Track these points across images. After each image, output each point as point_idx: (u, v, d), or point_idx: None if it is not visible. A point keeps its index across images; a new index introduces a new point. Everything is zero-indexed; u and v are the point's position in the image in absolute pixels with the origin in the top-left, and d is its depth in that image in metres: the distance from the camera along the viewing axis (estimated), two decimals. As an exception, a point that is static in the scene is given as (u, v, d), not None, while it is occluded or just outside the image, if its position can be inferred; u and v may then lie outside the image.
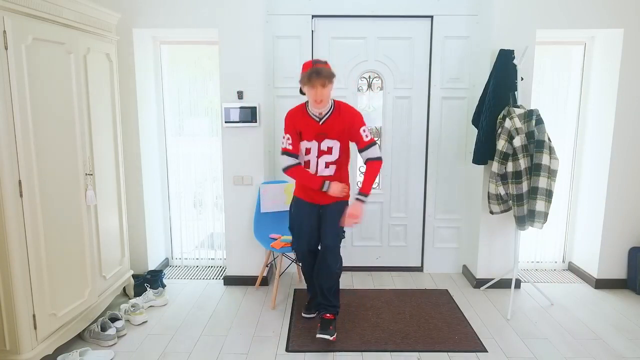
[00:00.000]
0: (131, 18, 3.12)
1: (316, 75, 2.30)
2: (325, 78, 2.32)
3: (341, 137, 2.51)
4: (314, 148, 2.51)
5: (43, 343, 2.14)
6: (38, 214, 2.08)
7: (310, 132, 2.49)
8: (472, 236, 3.37)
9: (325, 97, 2.38)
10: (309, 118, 2.49)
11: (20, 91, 1.96)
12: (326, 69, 2.34)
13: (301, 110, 2.52)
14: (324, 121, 2.48)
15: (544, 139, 2.69)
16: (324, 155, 2.52)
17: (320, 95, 2.35)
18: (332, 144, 2.50)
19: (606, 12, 3.04)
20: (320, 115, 2.48)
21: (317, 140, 2.50)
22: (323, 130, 2.48)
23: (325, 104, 2.43)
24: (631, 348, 2.50)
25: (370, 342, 2.53)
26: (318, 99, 2.37)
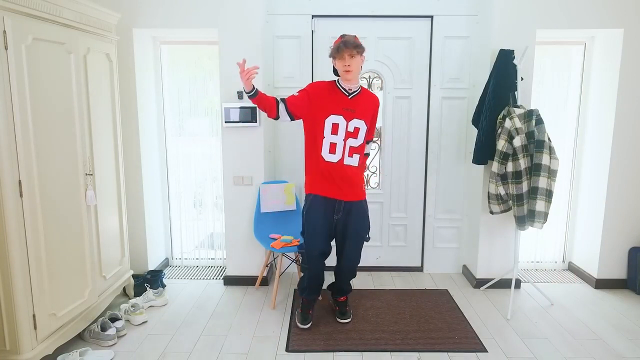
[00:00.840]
0: (131, 18, 3.12)
1: (344, 46, 2.34)
2: (353, 48, 2.35)
3: (367, 117, 2.52)
4: (341, 126, 2.46)
5: (43, 343, 2.14)
6: (38, 214, 2.08)
7: (338, 104, 2.46)
8: (472, 236, 3.37)
9: (354, 67, 2.39)
10: (338, 91, 2.49)
11: (20, 91, 1.96)
12: (354, 40, 2.37)
13: (330, 84, 2.52)
14: (352, 96, 2.49)
15: (544, 139, 2.69)
16: (351, 138, 2.48)
17: (349, 65, 2.37)
18: (359, 125, 2.48)
19: (606, 12, 3.04)
20: (350, 90, 2.49)
21: (345, 116, 2.46)
22: (352, 105, 2.47)
23: (355, 76, 2.45)
24: (631, 348, 2.50)
25: (370, 342, 2.53)
26: (347, 69, 2.38)
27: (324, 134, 2.46)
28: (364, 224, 2.63)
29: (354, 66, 2.40)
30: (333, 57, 2.43)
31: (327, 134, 2.46)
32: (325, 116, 2.45)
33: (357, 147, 2.51)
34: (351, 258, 2.66)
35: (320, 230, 2.54)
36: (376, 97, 2.62)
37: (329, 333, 2.62)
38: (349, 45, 2.35)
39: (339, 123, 2.45)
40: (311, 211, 2.55)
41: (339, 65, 2.43)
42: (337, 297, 2.81)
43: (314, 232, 2.55)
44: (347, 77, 2.44)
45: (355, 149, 2.50)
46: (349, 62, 2.38)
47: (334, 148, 2.47)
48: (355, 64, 2.40)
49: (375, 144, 3.52)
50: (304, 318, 2.68)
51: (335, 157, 2.48)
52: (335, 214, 2.56)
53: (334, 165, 2.48)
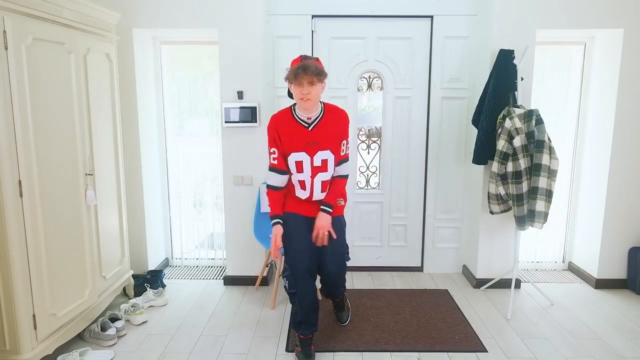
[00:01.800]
0: (131, 18, 3.12)
1: (303, 71, 2.04)
2: (313, 75, 2.05)
3: (334, 145, 2.24)
4: (306, 163, 2.22)
5: (43, 343, 2.14)
6: (38, 214, 2.08)
7: (298, 140, 2.20)
8: (472, 236, 3.37)
9: (313, 96, 2.09)
10: (296, 124, 2.21)
11: (20, 91, 1.96)
12: (315, 65, 2.07)
13: (287, 115, 2.23)
14: (313, 126, 2.21)
15: (544, 139, 2.69)
16: (319, 173, 2.25)
17: (308, 93, 2.08)
18: (325, 156, 2.23)
19: (606, 12, 3.04)
20: (309, 121, 2.20)
21: (308, 152, 2.21)
22: (313, 138, 2.20)
23: (314, 105, 2.16)
24: (631, 348, 2.50)
25: (370, 342, 2.53)
26: (305, 97, 2.09)
27: (292, 171, 2.27)
28: (342, 239, 2.42)
29: (313, 94, 2.09)
30: (290, 81, 2.12)
31: (294, 173, 2.26)
32: (287, 154, 2.23)
33: (329, 179, 2.31)
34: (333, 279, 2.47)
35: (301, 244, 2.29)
36: (343, 113, 2.29)
37: (329, 333, 2.62)
38: (309, 71, 2.04)
39: (302, 160, 2.22)
40: (288, 226, 2.31)
41: (295, 92, 2.11)
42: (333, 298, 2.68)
43: (295, 247, 2.30)
44: (305, 107, 2.14)
45: (327, 182, 2.30)
46: (307, 91, 2.07)
47: (303, 185, 2.28)
48: (315, 92, 2.10)
49: (375, 144, 3.52)
50: (307, 355, 2.31)
51: (305, 193, 2.30)
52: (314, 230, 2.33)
53: (302, 201, 2.34)
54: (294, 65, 2.13)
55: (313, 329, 2.37)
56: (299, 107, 2.20)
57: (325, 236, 2.27)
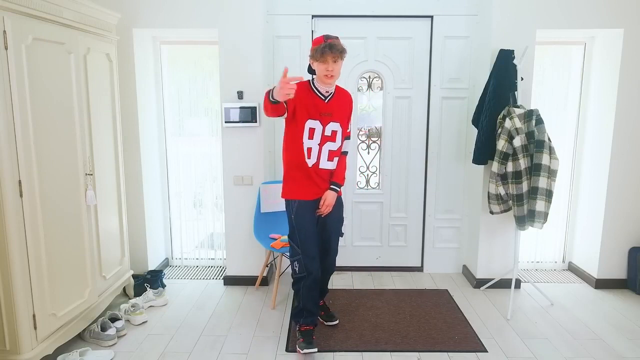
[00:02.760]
0: (131, 18, 3.12)
1: (329, 49, 2.21)
2: (338, 52, 2.23)
3: (343, 119, 2.43)
4: (317, 130, 2.36)
5: (43, 343, 2.14)
6: (38, 214, 2.08)
7: (315, 109, 2.35)
8: (472, 236, 3.37)
9: (336, 72, 2.28)
10: (314, 95, 2.36)
11: (20, 91, 1.96)
12: (339, 43, 2.26)
13: (306, 86, 2.37)
14: (329, 99, 2.39)
15: (544, 139, 2.69)
16: (328, 142, 2.40)
17: (332, 70, 2.26)
18: (335, 128, 2.40)
19: (606, 12, 3.04)
20: (326, 94, 2.38)
21: (322, 121, 2.36)
22: (328, 109, 2.37)
23: (335, 81, 2.35)
24: (631, 348, 2.50)
25: (370, 342, 2.53)
26: (329, 74, 2.27)
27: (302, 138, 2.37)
28: (341, 215, 2.60)
29: (337, 71, 2.29)
30: (314, 59, 2.29)
31: (305, 139, 2.36)
32: (304, 120, 2.35)
33: (336, 150, 2.45)
34: (333, 254, 2.63)
35: (312, 232, 2.44)
36: (349, 94, 2.52)
37: (329, 333, 2.62)
38: (334, 49, 2.22)
39: (315, 128, 2.36)
40: (300, 216, 2.43)
41: (319, 69, 2.29)
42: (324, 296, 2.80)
43: (308, 235, 2.42)
44: (328, 82, 2.32)
45: (334, 152, 2.44)
46: (332, 67, 2.26)
47: (309, 152, 2.39)
48: (338, 68, 2.30)
49: (375, 144, 3.52)
50: (309, 342, 2.38)
51: (310, 161, 2.39)
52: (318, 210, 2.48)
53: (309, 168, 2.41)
54: (316, 44, 2.27)
55: (314, 319, 2.47)
56: (320, 81, 2.35)
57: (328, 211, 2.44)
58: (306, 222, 2.44)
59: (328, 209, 2.44)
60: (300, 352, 2.37)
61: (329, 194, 2.43)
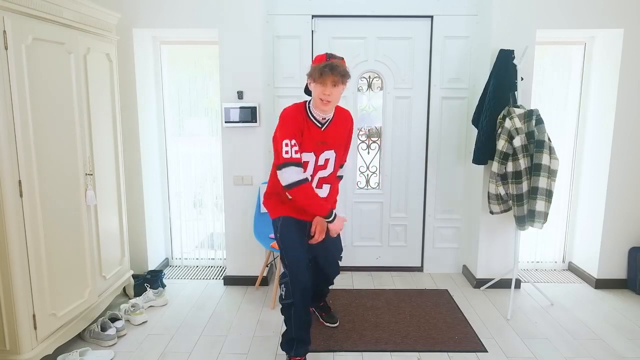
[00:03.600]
0: (131, 18, 3.12)
1: (330, 70, 1.93)
2: (339, 75, 1.96)
3: (339, 146, 2.20)
4: (311, 162, 2.15)
5: (43, 343, 2.14)
6: (38, 214, 2.08)
7: (311, 139, 2.11)
8: (472, 236, 3.37)
9: (333, 98, 2.02)
10: (310, 122, 2.11)
11: (20, 91, 1.96)
12: (342, 66, 1.99)
13: (301, 113, 2.11)
14: (326, 127, 2.14)
15: (544, 139, 2.69)
16: (320, 171, 2.19)
17: (329, 95, 1.99)
18: (329, 156, 2.18)
19: (606, 12, 3.04)
20: (323, 121, 2.12)
21: (316, 152, 2.13)
22: (324, 138, 2.12)
23: (333, 108, 2.09)
24: (631, 348, 2.50)
25: (370, 342, 2.53)
26: (326, 99, 2.00)
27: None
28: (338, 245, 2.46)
29: (335, 96, 2.01)
30: (313, 79, 2.01)
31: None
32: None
33: (327, 176, 2.24)
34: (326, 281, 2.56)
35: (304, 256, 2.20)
36: (349, 116, 2.26)
37: (329, 333, 2.62)
38: (335, 71, 1.94)
39: (309, 160, 2.14)
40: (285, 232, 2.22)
41: (316, 91, 2.00)
42: (316, 304, 2.71)
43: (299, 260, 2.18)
44: (324, 108, 2.04)
45: (325, 179, 2.23)
46: (329, 92, 1.98)
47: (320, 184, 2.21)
48: (337, 93, 2.02)
49: (375, 144, 3.52)
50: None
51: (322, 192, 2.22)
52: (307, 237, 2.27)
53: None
54: (317, 62, 2.02)
55: (306, 348, 2.26)
56: (315, 106, 2.09)
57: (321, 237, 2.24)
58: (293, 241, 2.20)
59: (321, 236, 2.21)
60: None
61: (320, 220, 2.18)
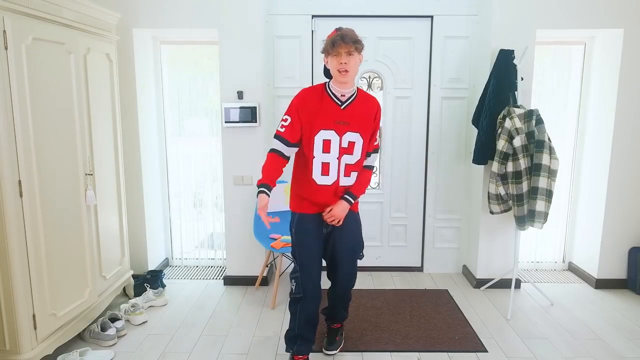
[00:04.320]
0: (131, 18, 3.12)
1: (341, 39, 1.95)
2: (352, 42, 1.96)
3: (364, 130, 2.11)
4: (334, 142, 2.07)
5: (43, 343, 2.14)
6: (38, 214, 2.08)
7: (329, 117, 2.06)
8: (472, 236, 3.37)
9: (351, 67, 1.99)
10: (329, 99, 2.08)
11: (20, 91, 1.96)
12: (352, 34, 1.99)
13: (319, 90, 2.10)
14: (346, 105, 2.09)
15: (544, 139, 2.69)
16: (345, 155, 2.10)
17: (346, 64, 1.98)
18: (354, 139, 2.09)
19: (606, 12, 3.04)
20: (342, 98, 2.09)
21: (337, 130, 2.06)
22: (344, 117, 2.07)
23: (351, 79, 2.05)
24: (631, 348, 2.50)
25: (370, 342, 2.53)
26: (343, 68, 1.98)
27: (314, 153, 2.08)
28: (357, 238, 2.31)
29: (351, 65, 2.00)
30: (326, 53, 2.03)
31: (318, 153, 2.08)
32: (314, 132, 2.06)
33: (354, 164, 2.14)
34: (346, 279, 2.33)
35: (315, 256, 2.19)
36: (375, 100, 2.20)
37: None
38: (347, 40, 1.95)
39: (331, 139, 2.06)
40: (300, 229, 2.20)
41: (333, 64, 2.01)
42: (331, 323, 2.51)
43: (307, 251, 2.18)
44: (342, 80, 2.03)
45: (351, 166, 2.13)
46: (345, 60, 1.98)
47: (326, 169, 2.10)
48: (353, 63, 2.01)
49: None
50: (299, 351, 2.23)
51: (330, 178, 2.11)
52: (325, 227, 2.21)
53: (328, 189, 2.12)
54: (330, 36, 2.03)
55: (309, 347, 2.26)
56: (335, 81, 2.09)
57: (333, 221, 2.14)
58: (307, 236, 2.18)
59: (333, 219, 2.12)
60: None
61: (339, 203, 2.12)
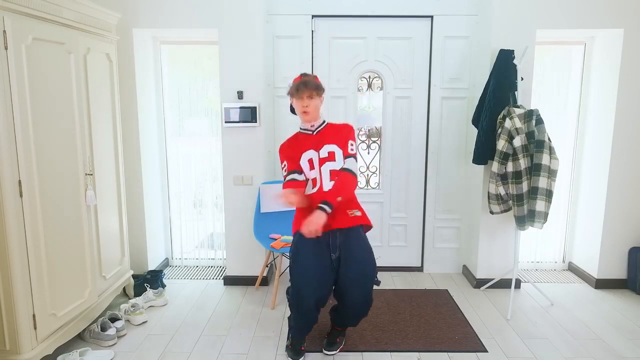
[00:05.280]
0: (131, 18, 3.12)
1: (304, 86, 2.25)
2: (312, 89, 2.26)
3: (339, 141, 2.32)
4: (314, 158, 2.30)
5: (43, 343, 2.14)
6: (38, 214, 2.08)
7: (306, 143, 2.34)
8: (472, 236, 3.37)
9: (312, 108, 2.28)
10: (303, 134, 2.37)
11: (20, 91, 1.96)
12: (314, 81, 2.29)
13: (294, 136, 2.41)
14: (317, 131, 2.35)
15: (544, 139, 2.69)
16: (327, 162, 2.28)
17: (307, 106, 2.26)
18: (332, 149, 2.30)
19: (606, 12, 3.04)
20: (312, 128, 2.35)
21: (315, 148, 2.31)
22: (319, 138, 2.33)
23: (313, 117, 2.32)
24: (631, 348, 2.50)
25: (370, 342, 2.53)
26: (304, 109, 2.28)
27: (305, 175, 2.31)
28: (369, 258, 2.28)
29: (312, 107, 2.29)
30: (292, 95, 2.31)
31: (306, 171, 2.30)
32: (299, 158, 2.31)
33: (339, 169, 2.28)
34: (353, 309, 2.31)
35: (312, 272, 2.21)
36: (346, 125, 2.38)
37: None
38: (309, 86, 2.25)
39: (312, 157, 2.30)
40: (298, 250, 2.27)
41: (297, 105, 2.31)
42: (336, 325, 2.49)
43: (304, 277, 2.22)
44: (306, 119, 2.32)
45: (336, 172, 2.27)
46: (307, 103, 2.26)
47: (315, 182, 2.29)
48: (314, 105, 2.29)
49: (375, 144, 3.52)
50: (296, 353, 2.38)
51: (315, 188, 2.28)
52: (332, 252, 2.24)
53: (313, 196, 2.24)
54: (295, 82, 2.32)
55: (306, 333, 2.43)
56: (301, 121, 2.37)
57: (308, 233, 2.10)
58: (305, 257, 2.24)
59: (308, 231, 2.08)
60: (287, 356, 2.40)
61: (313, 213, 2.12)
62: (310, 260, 2.23)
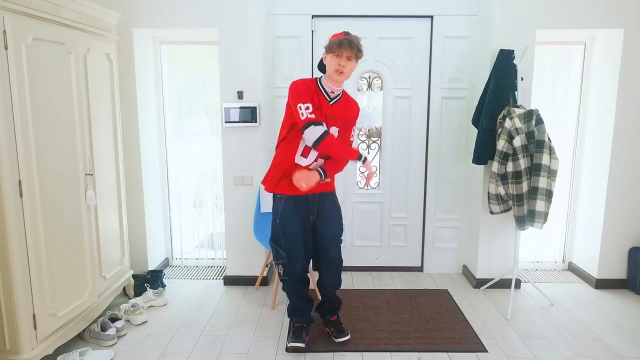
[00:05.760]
0: (131, 18, 3.12)
1: (347, 44, 2.10)
2: (356, 49, 2.13)
3: (345, 126, 2.32)
4: None
5: (43, 343, 2.14)
6: (38, 214, 2.08)
7: (321, 109, 2.23)
8: (472, 236, 3.37)
9: (347, 70, 2.16)
10: (321, 94, 2.24)
11: (20, 91, 1.96)
12: (358, 42, 2.15)
13: (313, 84, 2.26)
14: (334, 102, 2.27)
15: (544, 139, 2.69)
16: None
17: (343, 66, 2.14)
18: (334, 132, 2.28)
19: (606, 12, 3.04)
20: (332, 95, 2.26)
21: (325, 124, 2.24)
22: (332, 112, 2.25)
23: (345, 80, 2.23)
24: (631, 348, 2.50)
25: (370, 342, 2.53)
26: (340, 69, 2.15)
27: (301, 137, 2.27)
28: (339, 223, 2.45)
29: (348, 69, 2.18)
30: (329, 50, 2.17)
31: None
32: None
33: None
34: (335, 263, 2.46)
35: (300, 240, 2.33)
36: (357, 104, 2.41)
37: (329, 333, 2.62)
38: (352, 45, 2.12)
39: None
40: (286, 216, 2.31)
41: (331, 63, 2.17)
42: (328, 317, 2.58)
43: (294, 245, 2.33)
44: (337, 79, 2.20)
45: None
46: (344, 63, 2.15)
47: (307, 152, 2.27)
48: (350, 67, 2.19)
49: (375, 144, 3.52)
50: (297, 337, 2.42)
51: (306, 161, 2.27)
52: (311, 215, 2.35)
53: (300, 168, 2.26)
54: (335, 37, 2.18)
55: (308, 317, 2.49)
56: (329, 78, 2.25)
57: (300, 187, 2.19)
58: (293, 224, 2.31)
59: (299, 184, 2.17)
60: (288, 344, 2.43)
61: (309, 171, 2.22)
62: (296, 227, 2.33)
